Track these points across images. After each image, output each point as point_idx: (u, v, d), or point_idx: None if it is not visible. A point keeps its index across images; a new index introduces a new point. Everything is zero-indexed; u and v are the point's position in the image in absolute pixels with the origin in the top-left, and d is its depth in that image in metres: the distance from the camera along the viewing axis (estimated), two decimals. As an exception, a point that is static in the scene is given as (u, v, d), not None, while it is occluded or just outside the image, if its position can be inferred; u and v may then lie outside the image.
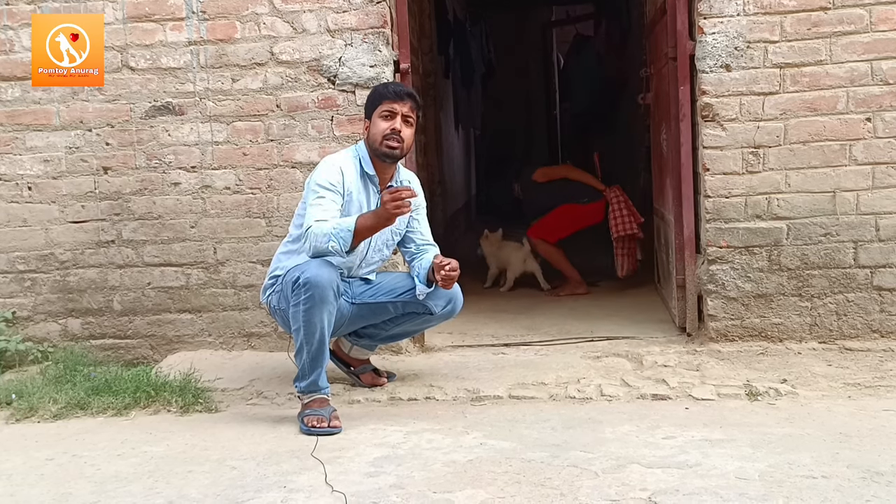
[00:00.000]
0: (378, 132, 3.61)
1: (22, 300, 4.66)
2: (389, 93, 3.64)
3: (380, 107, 3.63)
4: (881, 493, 2.60)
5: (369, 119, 3.67)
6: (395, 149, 3.62)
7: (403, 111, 3.62)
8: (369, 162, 3.68)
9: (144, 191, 4.57)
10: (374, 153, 3.65)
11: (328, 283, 3.40)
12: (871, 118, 4.10)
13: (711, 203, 4.22)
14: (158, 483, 2.97)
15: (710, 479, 2.76)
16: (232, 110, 4.48)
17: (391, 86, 3.73)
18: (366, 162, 3.68)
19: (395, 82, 3.88)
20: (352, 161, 3.68)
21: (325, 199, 3.53)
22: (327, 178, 3.58)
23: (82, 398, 3.87)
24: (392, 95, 3.63)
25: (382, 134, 3.60)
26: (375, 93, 3.72)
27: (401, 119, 3.61)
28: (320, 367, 3.52)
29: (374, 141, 3.62)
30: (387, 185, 3.71)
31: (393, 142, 3.60)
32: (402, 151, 3.65)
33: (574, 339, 4.61)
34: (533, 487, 2.75)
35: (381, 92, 3.68)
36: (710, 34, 4.16)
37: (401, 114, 3.62)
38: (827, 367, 3.92)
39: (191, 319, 4.60)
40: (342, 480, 2.89)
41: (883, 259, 4.15)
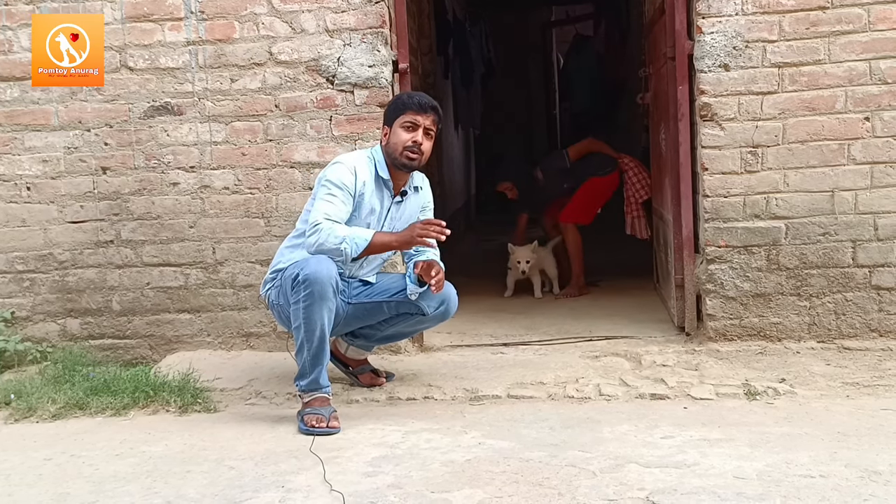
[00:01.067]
0: (399, 142, 3.61)
1: (21, 300, 4.66)
2: (414, 104, 3.63)
3: (402, 116, 3.63)
4: (879, 493, 2.60)
5: (389, 126, 3.67)
6: (413, 160, 3.64)
7: (426, 124, 3.63)
8: (385, 167, 3.68)
9: (143, 191, 4.57)
10: (393, 162, 3.66)
11: (327, 279, 3.41)
12: (870, 117, 4.10)
13: (710, 202, 4.22)
14: (157, 483, 2.97)
15: (708, 478, 2.76)
16: (231, 110, 4.48)
17: (416, 97, 3.69)
18: (381, 166, 3.68)
19: (420, 93, 3.83)
20: (367, 163, 3.68)
21: (336, 198, 3.54)
22: (340, 177, 3.58)
23: (81, 398, 3.87)
24: (416, 107, 3.62)
25: (403, 145, 3.60)
26: (399, 102, 3.70)
27: (422, 132, 3.62)
28: (321, 365, 3.53)
29: (395, 150, 3.63)
30: (401, 190, 3.74)
31: (413, 153, 3.62)
32: (419, 163, 3.67)
33: (573, 339, 4.60)
34: (531, 487, 2.75)
35: (406, 102, 3.66)
36: (708, 34, 4.16)
37: (423, 126, 3.62)
38: (825, 367, 3.92)
39: (190, 319, 4.60)
40: (340, 480, 2.89)
41: (881, 258, 4.15)
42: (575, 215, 6.04)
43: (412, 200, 3.82)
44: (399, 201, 3.76)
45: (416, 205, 3.85)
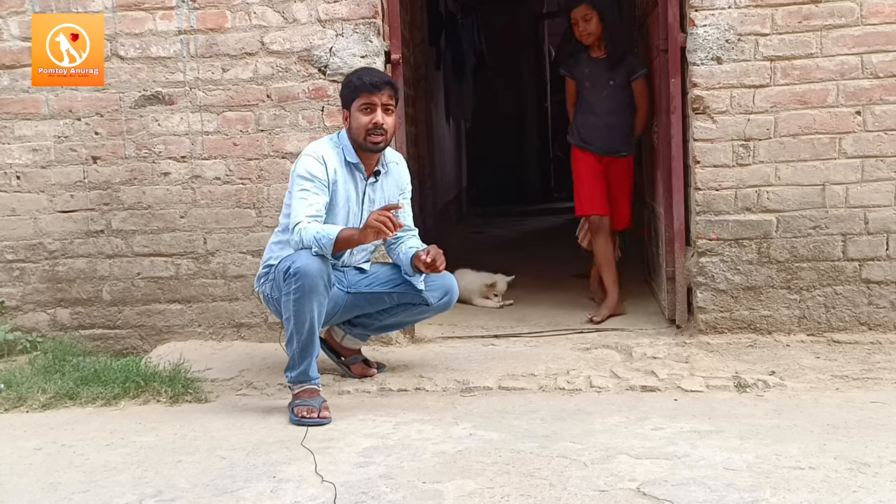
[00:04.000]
0: (360, 126, 3.60)
1: (10, 290, 4.64)
2: (365, 85, 3.59)
3: (357, 100, 3.60)
4: (868, 484, 2.61)
5: (348, 110, 3.65)
6: (378, 143, 3.63)
7: (383, 101, 3.60)
8: (352, 151, 3.67)
9: (134, 181, 4.55)
10: (359, 146, 3.65)
11: (318, 273, 3.41)
12: (861, 112, 4.11)
13: (702, 195, 4.22)
14: (148, 473, 2.97)
15: (699, 469, 2.77)
16: (222, 100, 4.47)
17: (365, 76, 3.63)
18: (348, 151, 3.67)
19: (367, 69, 3.79)
20: (333, 150, 3.67)
21: (309, 192, 3.54)
22: (308, 168, 3.58)
23: (71, 388, 3.86)
24: (369, 88, 3.58)
25: (365, 129, 3.59)
26: (351, 84, 3.65)
27: (381, 111, 3.60)
28: (310, 357, 3.52)
29: (357, 135, 3.62)
30: (374, 170, 3.72)
31: (376, 136, 3.60)
32: (385, 142, 3.66)
33: (564, 331, 4.61)
34: (522, 478, 2.76)
35: (357, 84, 3.61)
36: (701, 27, 4.16)
37: (380, 104, 3.60)
38: (815, 360, 3.94)
39: (180, 310, 4.58)
40: (332, 470, 2.89)
41: (871, 252, 4.16)
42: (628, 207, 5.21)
43: (389, 180, 3.80)
44: (374, 182, 3.74)
45: (394, 185, 3.83)
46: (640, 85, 4.86)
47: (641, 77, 4.83)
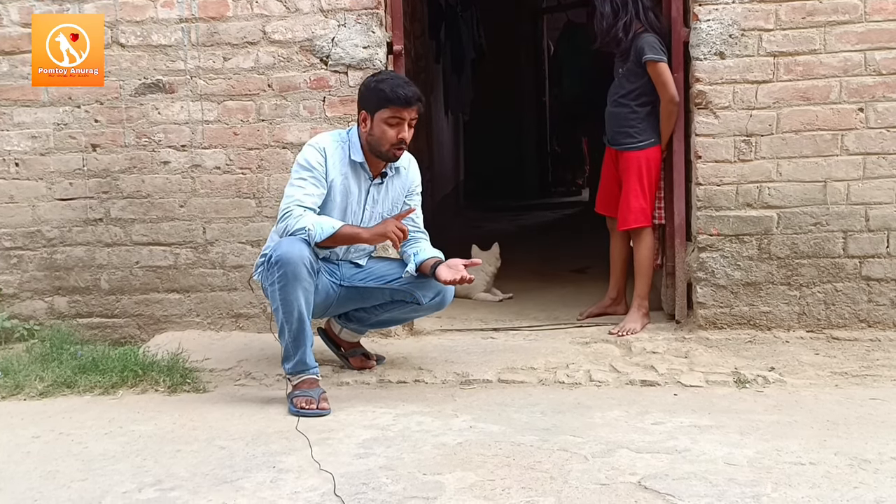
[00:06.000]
0: (385, 139, 3.55)
1: (8, 277, 4.62)
2: (399, 99, 3.49)
3: (385, 110, 3.51)
4: (868, 480, 2.62)
5: (369, 114, 3.56)
6: (399, 156, 3.64)
7: (411, 116, 3.56)
8: (359, 151, 3.63)
9: (133, 169, 4.53)
10: (377, 154, 3.61)
11: (299, 259, 3.39)
12: (864, 108, 4.11)
13: (703, 191, 4.22)
14: (147, 462, 2.96)
15: (700, 464, 2.77)
16: (223, 89, 4.45)
17: (400, 90, 3.50)
18: (355, 149, 3.63)
19: (399, 79, 3.62)
20: (338, 146, 3.63)
21: (306, 182, 3.53)
22: (308, 159, 3.56)
23: (69, 376, 3.85)
24: (402, 102, 3.50)
25: (391, 142, 3.55)
26: (381, 93, 3.52)
27: (407, 125, 3.57)
28: (304, 346, 3.50)
29: (379, 144, 3.56)
30: (380, 171, 3.70)
31: (399, 150, 3.60)
32: (403, 153, 3.68)
33: (563, 325, 4.61)
34: (523, 470, 2.76)
35: (389, 96, 3.50)
36: (704, 21, 4.15)
37: (408, 119, 3.56)
38: (814, 356, 3.94)
39: (179, 299, 4.57)
40: (331, 461, 2.88)
41: (872, 249, 4.16)
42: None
43: (395, 182, 3.78)
44: (379, 183, 3.72)
45: (401, 187, 3.81)
46: (652, 69, 4.39)
47: (650, 60, 4.38)
